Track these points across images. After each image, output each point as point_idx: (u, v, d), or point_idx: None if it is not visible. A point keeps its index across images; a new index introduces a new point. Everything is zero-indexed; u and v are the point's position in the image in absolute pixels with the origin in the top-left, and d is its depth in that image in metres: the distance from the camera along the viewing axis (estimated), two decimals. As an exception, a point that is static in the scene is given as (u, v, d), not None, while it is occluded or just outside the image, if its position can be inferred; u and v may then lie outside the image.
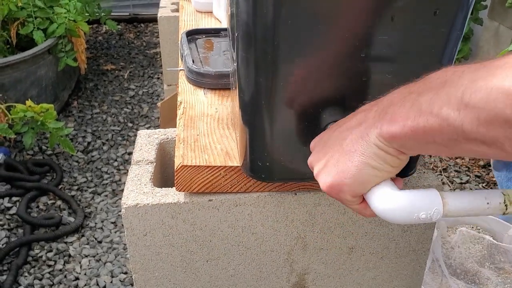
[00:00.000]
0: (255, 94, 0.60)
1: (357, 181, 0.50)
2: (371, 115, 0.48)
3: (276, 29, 0.54)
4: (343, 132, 0.52)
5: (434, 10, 0.53)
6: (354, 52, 0.56)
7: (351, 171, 0.49)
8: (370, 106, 0.50)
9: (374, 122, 0.47)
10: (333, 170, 0.51)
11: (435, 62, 0.58)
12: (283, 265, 0.81)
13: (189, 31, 1.13)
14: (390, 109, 0.46)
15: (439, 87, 0.41)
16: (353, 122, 0.51)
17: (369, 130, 0.47)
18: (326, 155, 0.53)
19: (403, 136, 0.44)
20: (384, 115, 0.46)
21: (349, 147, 0.49)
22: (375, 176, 0.49)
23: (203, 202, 0.73)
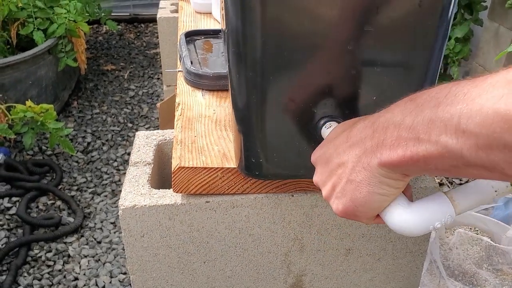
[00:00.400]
0: (247, 91, 0.61)
1: (369, 208, 0.50)
2: (367, 143, 0.47)
3: (263, 26, 0.55)
4: (342, 155, 0.51)
5: (418, 2, 0.54)
6: (342, 46, 0.56)
7: (361, 201, 0.49)
8: (364, 127, 0.49)
9: (372, 151, 0.46)
10: (342, 198, 0.51)
11: (424, 56, 0.58)
12: (280, 266, 0.81)
13: (188, 32, 1.14)
14: (387, 137, 0.45)
15: (433, 111, 0.40)
16: (349, 145, 0.50)
17: (369, 160, 0.47)
18: (330, 178, 0.53)
19: (404, 164, 0.44)
20: (381, 144, 0.45)
21: (353, 176, 0.49)
22: (385, 201, 0.49)
23: (200, 203, 0.74)
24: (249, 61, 0.58)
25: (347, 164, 0.50)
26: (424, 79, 0.59)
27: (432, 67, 0.59)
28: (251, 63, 0.58)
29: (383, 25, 0.55)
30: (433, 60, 0.58)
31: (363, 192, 0.48)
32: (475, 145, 0.37)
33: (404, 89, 0.60)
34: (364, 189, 0.48)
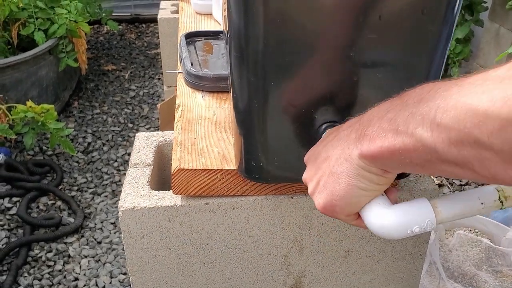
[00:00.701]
0: (248, 94, 0.61)
1: (347, 203, 0.50)
2: (352, 135, 0.48)
3: (266, 29, 0.55)
4: (329, 150, 0.52)
5: (422, 8, 0.54)
6: (344, 52, 0.57)
7: (339, 194, 0.49)
8: (352, 123, 0.50)
9: (355, 142, 0.47)
10: (323, 191, 0.51)
11: (426, 60, 0.58)
12: (279, 268, 0.81)
13: (188, 34, 1.14)
14: (369, 128, 0.45)
15: (415, 106, 0.41)
16: (337, 140, 0.51)
17: (351, 151, 0.47)
18: (316, 174, 0.53)
19: (382, 156, 0.44)
20: (363, 135, 0.46)
21: (335, 168, 0.49)
22: (364, 196, 0.50)
23: (199, 205, 0.74)
24: (251, 65, 0.58)
25: (332, 157, 0.50)
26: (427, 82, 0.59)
27: (434, 71, 0.59)
28: (253, 66, 0.58)
29: (386, 32, 0.55)
30: (435, 65, 0.58)
31: (342, 184, 0.49)
32: (447, 139, 0.37)
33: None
34: (343, 180, 0.48)
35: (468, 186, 2.15)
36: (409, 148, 0.41)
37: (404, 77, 0.59)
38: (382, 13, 0.53)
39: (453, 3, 0.54)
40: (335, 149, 0.50)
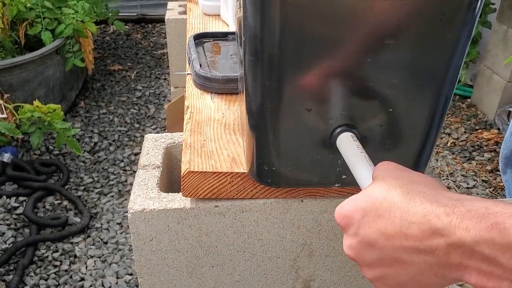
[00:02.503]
0: (262, 98, 0.60)
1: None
2: (442, 255, 0.40)
3: (282, 34, 0.54)
4: (400, 253, 0.43)
5: (441, 15, 0.53)
6: (361, 57, 0.56)
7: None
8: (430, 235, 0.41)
9: (452, 267, 0.40)
10: (398, 286, 0.46)
11: (443, 66, 0.57)
12: (288, 271, 0.81)
13: (196, 35, 1.14)
14: (472, 262, 0.38)
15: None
16: (413, 240, 0.42)
17: (445, 271, 0.41)
18: (381, 268, 0.46)
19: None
20: (467, 267, 0.39)
21: (419, 278, 0.43)
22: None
23: (209, 208, 0.73)
24: (266, 69, 0.57)
25: (410, 265, 0.43)
26: (442, 90, 0.59)
27: (451, 77, 0.58)
28: (268, 71, 0.57)
29: (403, 38, 0.54)
30: (452, 70, 0.57)
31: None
32: None
33: (422, 101, 0.60)
34: (433, 285, 0.44)
35: (475, 189, 2.14)
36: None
37: (421, 83, 0.58)
38: (400, 20, 0.53)
39: (473, 10, 0.53)
40: (412, 257, 0.43)
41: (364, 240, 0.46)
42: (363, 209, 0.46)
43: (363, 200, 0.47)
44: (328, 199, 0.75)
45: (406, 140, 0.64)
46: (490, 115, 2.66)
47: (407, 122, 0.62)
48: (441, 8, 0.53)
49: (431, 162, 2.27)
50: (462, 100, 2.86)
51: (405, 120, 0.62)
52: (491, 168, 2.28)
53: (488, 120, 2.64)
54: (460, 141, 2.49)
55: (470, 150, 2.42)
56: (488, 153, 2.39)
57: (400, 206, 0.43)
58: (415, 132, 0.63)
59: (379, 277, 0.47)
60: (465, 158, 2.36)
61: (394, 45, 0.55)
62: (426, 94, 0.59)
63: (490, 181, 2.19)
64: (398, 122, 0.62)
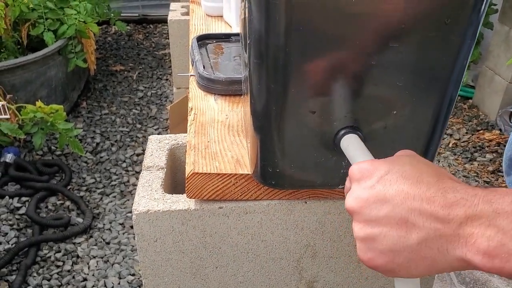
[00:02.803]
0: (267, 100, 0.61)
1: (410, 276, 0.46)
2: (454, 225, 0.40)
3: (287, 37, 0.55)
4: (413, 215, 0.43)
5: (446, 18, 0.54)
6: (365, 60, 0.56)
7: (411, 272, 0.45)
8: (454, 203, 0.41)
9: (460, 240, 0.40)
10: (387, 256, 0.45)
11: (446, 69, 0.58)
12: (292, 272, 0.81)
13: (199, 36, 1.14)
14: (486, 232, 0.38)
15: None
16: (434, 204, 0.42)
17: (449, 245, 0.41)
18: (383, 226, 0.45)
19: (496, 272, 0.39)
20: (475, 240, 0.39)
21: (419, 248, 0.43)
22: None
23: (213, 209, 0.74)
24: (271, 72, 0.58)
25: (418, 230, 0.43)
26: (446, 92, 0.59)
27: (455, 80, 0.58)
28: (273, 73, 0.58)
29: (408, 40, 0.54)
30: (456, 73, 0.58)
31: (421, 266, 0.44)
32: None
33: (426, 103, 0.60)
34: (425, 263, 0.43)
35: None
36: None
37: (425, 85, 0.59)
38: (405, 23, 0.53)
39: (477, 12, 0.54)
40: (425, 222, 0.42)
41: (379, 194, 0.45)
42: (388, 168, 0.46)
43: (390, 162, 0.47)
44: (332, 200, 0.75)
45: (410, 142, 0.64)
46: (492, 116, 2.66)
47: (411, 124, 0.62)
48: (445, 11, 0.53)
49: (433, 163, 2.26)
50: (463, 100, 2.87)
51: (410, 122, 0.62)
52: (493, 169, 2.28)
53: (490, 121, 2.64)
54: (461, 142, 2.49)
55: (471, 151, 2.42)
56: (489, 154, 2.39)
57: (429, 176, 0.44)
58: (419, 133, 0.63)
59: (373, 237, 0.45)
60: (467, 159, 2.36)
61: (399, 47, 0.55)
62: (430, 96, 0.59)
63: (492, 182, 2.20)
64: (403, 124, 0.62)
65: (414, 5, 0.52)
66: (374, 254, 0.45)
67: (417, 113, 0.61)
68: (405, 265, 0.44)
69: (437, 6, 0.53)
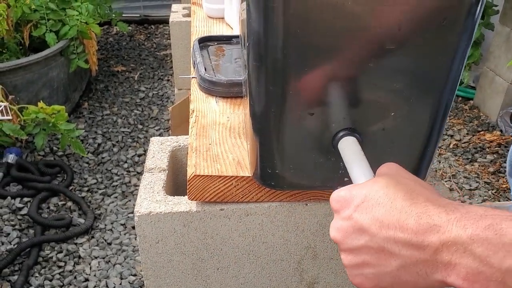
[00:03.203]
0: (266, 102, 0.61)
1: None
2: (431, 253, 0.41)
3: (286, 39, 0.55)
4: (389, 244, 0.44)
5: (442, 19, 0.54)
6: (362, 62, 0.57)
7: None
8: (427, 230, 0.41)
9: (438, 266, 0.41)
10: (374, 281, 0.47)
11: (445, 69, 0.58)
12: (293, 274, 0.82)
13: (201, 38, 1.14)
14: (463, 260, 0.39)
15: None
16: (407, 232, 0.43)
17: (428, 270, 0.42)
18: (364, 255, 0.47)
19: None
20: (454, 267, 0.39)
21: (400, 273, 0.44)
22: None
23: (214, 211, 0.74)
24: (270, 74, 0.58)
25: (395, 257, 0.44)
26: (443, 94, 0.60)
27: (451, 82, 0.59)
28: (271, 75, 0.58)
29: (405, 42, 0.55)
30: (452, 75, 0.58)
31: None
32: None
33: (423, 105, 0.61)
34: (410, 287, 0.45)
35: (478, 191, 2.15)
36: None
37: (422, 87, 0.59)
38: (401, 24, 0.54)
39: (473, 13, 0.54)
40: (401, 249, 0.43)
41: (357, 224, 0.47)
42: (364, 196, 0.47)
43: (366, 188, 0.48)
44: (332, 202, 0.75)
45: (408, 144, 0.65)
46: (493, 116, 2.66)
47: (409, 126, 0.63)
48: (442, 12, 0.54)
49: (433, 164, 2.27)
50: (464, 101, 2.87)
51: (407, 124, 0.63)
52: (494, 170, 2.28)
53: (491, 122, 2.65)
54: (462, 143, 2.50)
55: (472, 152, 2.42)
56: (490, 155, 2.39)
57: (403, 199, 0.45)
58: (417, 135, 0.64)
59: (358, 265, 0.47)
60: (468, 160, 2.36)
61: (396, 50, 0.56)
62: (427, 98, 0.60)
63: (492, 183, 2.20)
64: (400, 126, 0.63)
65: (411, 7, 0.53)
66: (362, 279, 0.48)
67: (414, 115, 0.62)
68: (392, 287, 0.46)
69: (433, 8, 0.53)
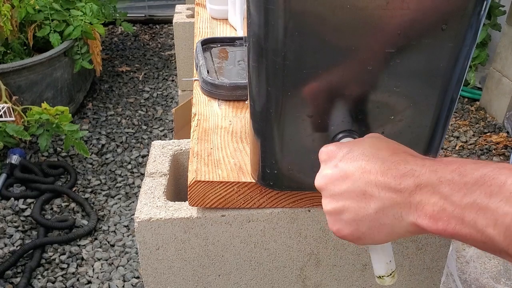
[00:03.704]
0: (264, 103, 0.61)
1: (375, 242, 0.51)
2: (406, 194, 0.45)
3: (284, 41, 0.55)
4: (370, 187, 0.48)
5: (442, 24, 0.53)
6: (361, 65, 0.56)
7: (374, 238, 0.50)
8: (407, 173, 0.45)
9: (411, 206, 0.44)
10: (353, 226, 0.50)
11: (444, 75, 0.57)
12: (295, 281, 0.80)
13: (204, 40, 1.13)
14: (430, 200, 0.43)
15: (484, 199, 0.39)
16: (379, 174, 0.47)
17: (403, 212, 0.45)
18: (344, 199, 0.50)
19: (440, 234, 0.43)
20: (423, 207, 0.43)
21: (378, 216, 0.47)
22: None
23: (215, 217, 0.73)
24: (269, 76, 0.58)
25: (375, 200, 0.47)
26: (445, 98, 0.59)
27: (454, 85, 0.58)
28: (271, 77, 0.58)
29: (404, 47, 0.54)
30: (454, 79, 0.57)
31: (382, 233, 0.48)
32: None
33: (424, 109, 0.60)
34: (386, 231, 0.48)
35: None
36: (476, 240, 0.40)
37: (422, 91, 0.58)
38: (401, 29, 0.53)
39: (475, 20, 0.53)
40: (380, 192, 0.47)
41: (342, 171, 0.50)
42: (350, 147, 0.51)
43: (352, 142, 0.53)
44: (336, 209, 0.74)
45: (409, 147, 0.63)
46: (499, 118, 2.64)
47: (410, 129, 0.62)
48: (441, 17, 0.53)
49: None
50: (470, 102, 2.85)
51: (408, 127, 0.62)
52: (500, 172, 2.26)
53: (497, 123, 2.62)
54: (468, 145, 2.47)
55: (478, 154, 2.40)
56: (496, 157, 2.37)
57: (385, 151, 0.49)
58: (418, 139, 0.63)
59: (338, 210, 0.50)
60: (474, 161, 2.34)
61: (395, 53, 0.55)
62: (428, 101, 0.59)
63: (499, 185, 2.17)
64: (401, 130, 0.62)
65: (410, 11, 0.52)
66: (341, 225, 0.51)
67: (415, 118, 0.61)
68: (368, 233, 0.49)
69: (433, 13, 0.53)
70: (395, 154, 0.48)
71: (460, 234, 0.41)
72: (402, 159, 0.47)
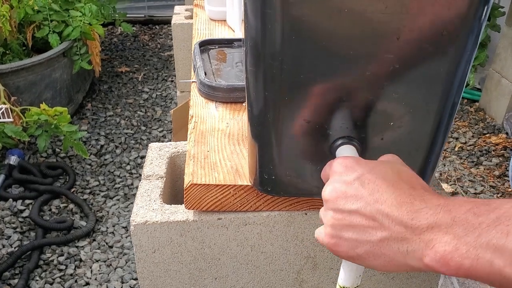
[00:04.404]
0: (262, 107, 0.61)
1: (365, 266, 0.50)
2: (418, 232, 0.44)
3: (281, 46, 0.55)
4: (381, 215, 0.46)
5: (442, 30, 0.53)
6: (359, 71, 0.56)
7: (370, 264, 0.49)
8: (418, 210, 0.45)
9: (420, 245, 0.43)
10: (351, 244, 0.49)
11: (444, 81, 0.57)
12: (292, 284, 0.80)
13: (202, 42, 1.13)
14: (443, 238, 0.42)
15: (501, 239, 0.39)
16: (401, 212, 0.45)
17: (410, 248, 0.44)
18: (353, 218, 0.49)
19: (452, 274, 0.42)
20: (435, 244, 0.42)
21: (380, 247, 0.47)
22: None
23: (212, 220, 0.73)
24: (266, 80, 0.58)
25: (383, 229, 0.46)
26: (446, 104, 0.58)
27: (454, 91, 0.57)
28: (268, 82, 0.58)
29: (403, 52, 0.54)
30: (455, 85, 0.57)
31: (380, 261, 0.48)
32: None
33: (424, 115, 0.59)
34: (384, 260, 0.47)
35: (483, 195, 2.12)
36: (493, 280, 0.40)
37: (423, 96, 0.58)
38: (399, 34, 0.52)
39: (475, 26, 0.53)
40: (386, 218, 0.46)
41: (357, 191, 0.49)
42: (371, 168, 0.50)
43: (374, 162, 0.51)
44: (333, 212, 0.74)
45: (408, 154, 0.63)
46: (499, 119, 2.64)
47: (409, 136, 0.61)
48: (441, 22, 0.52)
49: (438, 167, 2.25)
50: (470, 103, 2.84)
51: (407, 133, 0.61)
52: (499, 173, 2.25)
53: (496, 125, 2.62)
54: (467, 146, 2.47)
55: (478, 155, 2.40)
56: (496, 158, 2.36)
57: (405, 182, 0.48)
58: (418, 146, 0.62)
59: (343, 225, 0.49)
60: (473, 163, 2.34)
61: (394, 59, 0.54)
62: (428, 108, 0.59)
63: (498, 186, 2.17)
64: (400, 136, 0.61)
65: (409, 16, 0.52)
66: (339, 241, 0.50)
67: (415, 124, 0.60)
68: (364, 256, 0.48)
69: (433, 18, 0.52)
70: (412, 188, 0.47)
71: (475, 275, 0.40)
72: (419, 194, 0.46)
